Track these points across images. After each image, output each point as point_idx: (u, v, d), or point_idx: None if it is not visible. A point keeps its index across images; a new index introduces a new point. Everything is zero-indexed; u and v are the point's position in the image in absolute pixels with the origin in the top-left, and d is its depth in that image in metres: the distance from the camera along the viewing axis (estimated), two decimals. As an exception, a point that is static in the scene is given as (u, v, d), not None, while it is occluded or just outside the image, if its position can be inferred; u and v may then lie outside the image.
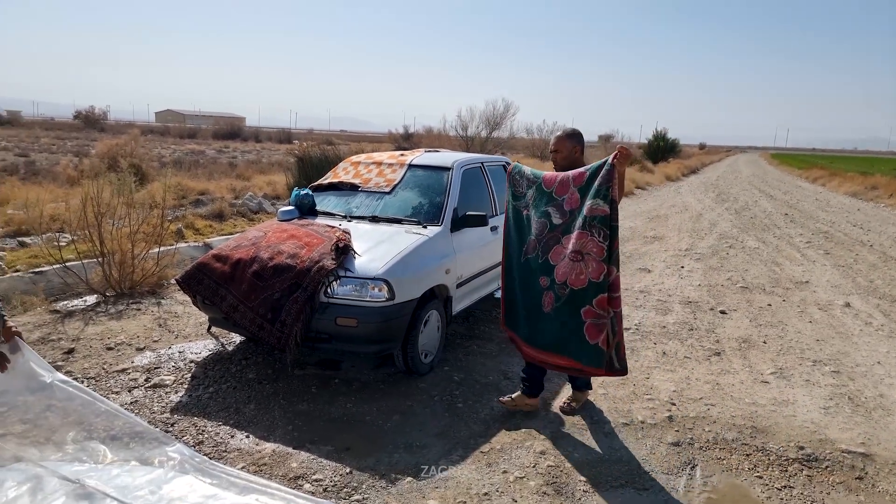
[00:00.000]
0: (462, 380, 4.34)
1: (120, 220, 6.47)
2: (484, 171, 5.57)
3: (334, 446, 3.35)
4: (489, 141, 26.80)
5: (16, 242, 8.32)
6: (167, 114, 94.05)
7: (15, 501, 2.68)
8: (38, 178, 14.25)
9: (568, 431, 3.67)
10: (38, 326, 5.12)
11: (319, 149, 13.71)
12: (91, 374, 4.21)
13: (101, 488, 2.75)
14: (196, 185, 13.48)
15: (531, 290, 3.55)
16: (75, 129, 42.12)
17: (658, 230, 11.95)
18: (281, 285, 3.96)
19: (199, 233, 9.64)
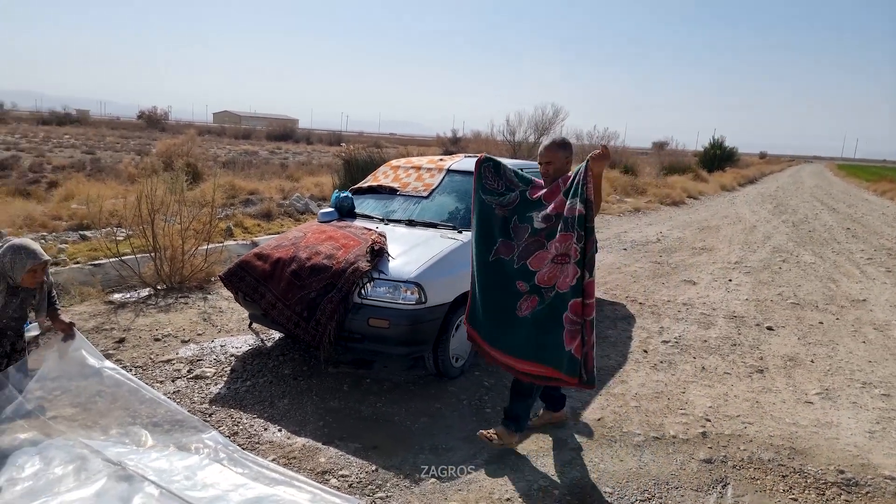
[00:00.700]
0: (492, 385, 4.35)
1: (172, 217, 6.77)
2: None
3: (362, 444, 3.42)
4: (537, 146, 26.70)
5: (77, 235, 8.79)
6: (224, 115, 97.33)
7: (61, 479, 2.85)
8: (102, 174, 15.00)
9: (596, 442, 3.64)
10: (94, 316, 5.41)
11: (366, 151, 13.94)
12: (139, 363, 4.42)
13: (141, 471, 2.90)
14: (247, 184, 13.91)
15: (502, 291, 3.36)
16: (138, 129, 44.06)
17: (707, 241, 11.64)
18: (317, 285, 4.07)
19: (248, 231, 9.95)
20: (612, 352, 5.20)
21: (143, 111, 50.27)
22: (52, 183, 13.99)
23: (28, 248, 3.22)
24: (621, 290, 7.42)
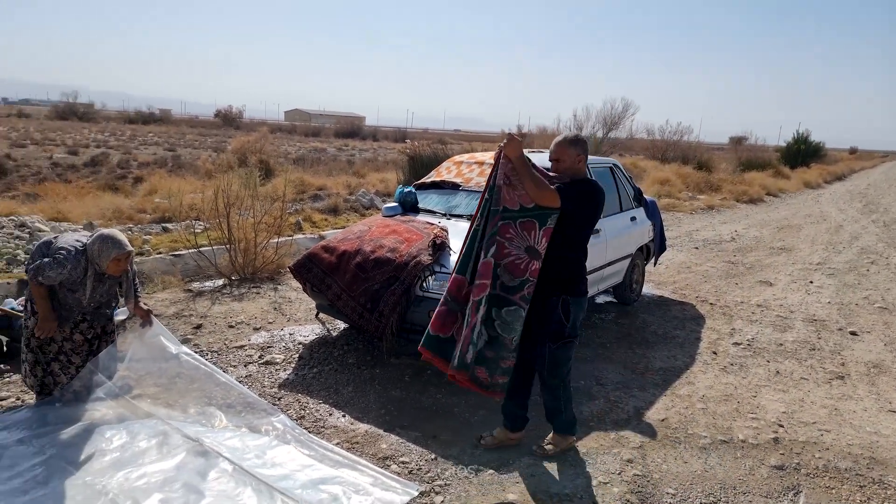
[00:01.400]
0: (553, 381, 4.33)
1: (246, 211, 7.09)
2: (588, 172, 5.47)
3: (422, 433, 3.49)
4: (605, 141, 26.12)
5: (160, 228, 9.34)
6: (295, 113, 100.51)
7: (145, 452, 3.07)
8: (181, 170, 15.85)
9: (659, 442, 3.56)
10: (174, 303, 5.75)
11: (430, 148, 14.08)
12: (214, 347, 4.67)
13: (216, 448, 3.08)
14: (315, 180, 14.35)
15: None
16: (215, 127, 46.19)
17: (787, 241, 11.07)
18: (381, 277, 4.17)
19: (316, 225, 10.27)
20: (678, 353, 5.06)
21: (220, 110, 52.57)
22: (137, 178, 14.93)
23: (115, 239, 3.46)
24: (691, 289, 7.19)
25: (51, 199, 10.76)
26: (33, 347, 3.49)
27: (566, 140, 3.19)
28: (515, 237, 3.03)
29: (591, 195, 3.11)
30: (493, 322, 3.05)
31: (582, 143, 3.20)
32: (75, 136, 25.69)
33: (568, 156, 3.16)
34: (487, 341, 3.06)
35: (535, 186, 2.98)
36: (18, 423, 3.29)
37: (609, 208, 5.64)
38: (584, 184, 3.14)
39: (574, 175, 3.16)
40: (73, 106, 44.93)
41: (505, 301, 3.04)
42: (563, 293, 3.12)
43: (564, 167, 3.17)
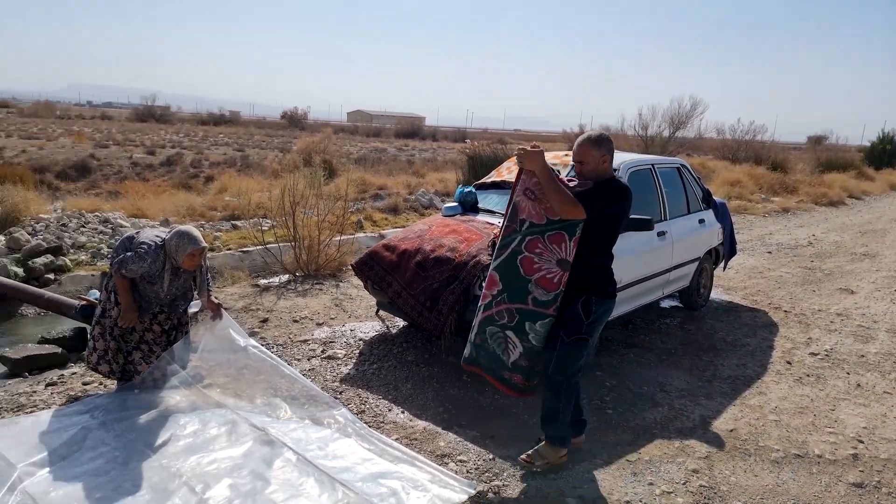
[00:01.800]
0: (614, 386, 4.24)
1: (310, 210, 7.29)
2: (654, 173, 5.34)
3: (480, 432, 3.49)
4: (671, 141, 25.33)
5: (230, 225, 9.73)
6: (357, 114, 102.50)
7: (215, 439, 3.20)
8: (250, 170, 16.47)
9: (728, 453, 3.42)
10: (242, 297, 5.98)
11: (490, 148, 14.05)
12: (280, 341, 4.83)
13: (281, 438, 3.19)
14: (376, 180, 14.60)
15: None
16: (281, 128, 47.67)
17: (871, 246, 10.41)
18: (440, 276, 4.20)
19: (376, 224, 10.45)
20: (749, 361, 4.85)
21: (286, 112, 54.26)
22: (208, 177, 15.63)
23: (191, 235, 3.63)
24: (763, 295, 6.87)
25: (131, 196, 11.41)
26: (116, 336, 3.71)
27: (589, 140, 3.02)
28: (545, 251, 3.00)
29: (616, 198, 2.95)
30: (528, 335, 3.06)
31: (606, 142, 3.03)
32: (153, 137, 27.12)
33: (591, 157, 2.99)
34: (522, 353, 3.09)
35: (560, 201, 2.89)
36: (101, 408, 3.51)
37: (676, 210, 5.48)
38: (609, 186, 2.97)
39: (599, 177, 3.01)
40: (151, 109, 47.46)
41: (540, 315, 3.04)
42: (589, 293, 3.04)
43: (588, 169, 3.01)
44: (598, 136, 3.03)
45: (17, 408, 3.62)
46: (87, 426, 3.27)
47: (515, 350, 3.09)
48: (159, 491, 2.75)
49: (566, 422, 3.13)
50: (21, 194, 8.73)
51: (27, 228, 7.97)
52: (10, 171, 11.85)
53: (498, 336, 3.12)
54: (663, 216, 5.22)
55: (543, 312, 3.02)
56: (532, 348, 3.07)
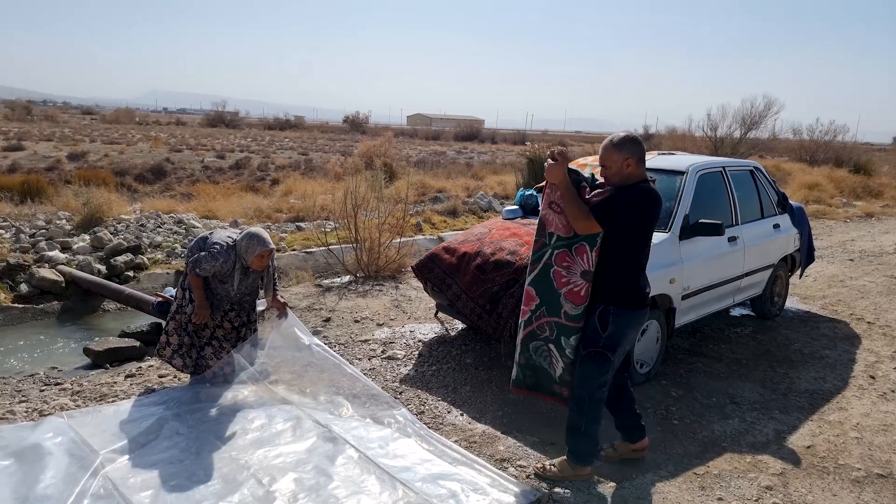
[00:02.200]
0: (680, 396, 4.10)
1: (371, 212, 7.42)
2: (725, 176, 5.13)
3: (540, 438, 3.44)
4: (743, 142, 24.31)
5: (294, 227, 10.03)
6: (417, 117, 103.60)
7: (281, 434, 3.30)
8: (313, 173, 16.93)
9: (804, 471, 3.24)
10: (306, 297, 6.14)
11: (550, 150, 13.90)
12: (341, 340, 4.93)
13: (343, 436, 3.26)
14: (435, 183, 14.70)
15: None
16: (343, 132, 48.75)
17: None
18: (500, 279, 4.18)
19: (435, 227, 10.52)
20: (828, 374, 4.59)
21: (348, 116, 55.49)
22: (274, 180, 16.16)
23: (260, 237, 3.76)
24: (844, 305, 6.48)
25: (202, 198, 11.95)
26: (190, 332, 3.89)
27: (611, 143, 2.86)
28: (573, 264, 2.94)
29: (635, 206, 2.79)
30: (565, 350, 3.01)
31: (629, 144, 2.85)
32: (223, 142, 28.28)
33: (613, 161, 2.84)
34: (564, 367, 3.04)
35: (573, 215, 2.84)
36: (176, 400, 3.68)
37: (748, 214, 5.25)
38: (631, 193, 2.81)
39: (624, 181, 2.85)
40: (221, 114, 49.53)
41: (573, 330, 2.99)
42: (607, 303, 2.90)
43: (611, 174, 2.87)
44: (621, 139, 2.88)
45: (99, 397, 3.84)
46: (163, 417, 3.44)
47: (559, 364, 3.04)
48: (229, 481, 2.85)
49: (591, 438, 2.98)
50: (104, 196, 9.29)
51: (109, 228, 8.47)
52: (95, 174, 12.64)
53: (542, 350, 3.08)
54: (734, 221, 5.01)
55: (575, 327, 2.98)
56: (571, 363, 3.02)
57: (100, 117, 47.07)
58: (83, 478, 2.80)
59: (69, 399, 3.80)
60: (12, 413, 3.58)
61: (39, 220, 8.70)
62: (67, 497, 2.65)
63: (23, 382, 4.14)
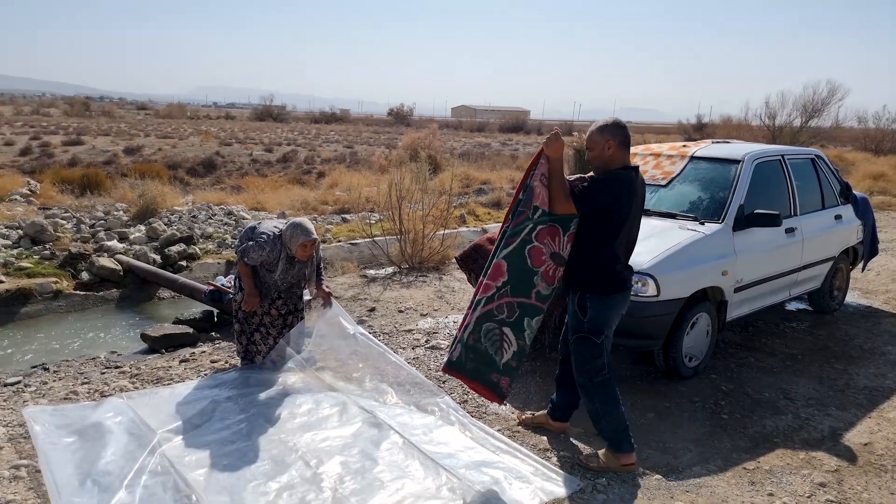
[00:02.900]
0: (731, 391, 3.99)
1: (416, 204, 7.46)
2: (784, 164, 4.95)
3: (584, 429, 3.41)
4: (803, 131, 23.32)
5: (340, 218, 10.19)
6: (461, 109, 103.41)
7: (327, 419, 3.38)
8: (358, 165, 17.14)
9: (860, 468, 3.12)
10: (352, 287, 6.24)
11: (598, 141, 13.66)
12: (386, 330, 4.99)
13: (388, 422, 3.31)
14: (479, 175, 14.67)
15: None
16: (388, 125, 49.12)
17: None
18: (546, 270, 4.14)
19: (479, 219, 10.51)
20: (890, 371, 4.38)
21: (392, 108, 55.78)
22: (320, 173, 16.43)
23: (304, 227, 3.83)
24: (907, 300, 6.18)
25: (251, 190, 12.26)
26: (240, 319, 4.01)
27: (596, 127, 2.95)
28: (548, 242, 2.93)
29: (609, 188, 2.84)
30: (524, 332, 2.98)
31: (612, 127, 2.90)
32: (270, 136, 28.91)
33: (596, 143, 2.91)
34: (515, 352, 3.01)
35: (556, 194, 2.87)
36: (227, 383, 3.81)
37: (808, 204, 5.05)
38: (607, 178, 2.87)
39: (605, 165, 2.90)
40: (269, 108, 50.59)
41: (538, 310, 2.97)
42: (583, 290, 2.96)
43: (594, 155, 2.94)
44: (605, 123, 2.95)
45: (156, 380, 4.01)
46: (216, 399, 3.57)
47: (510, 349, 2.99)
48: (278, 462, 2.94)
49: (615, 422, 2.98)
50: (158, 188, 9.65)
51: (163, 219, 8.79)
52: (149, 167, 13.13)
53: (494, 333, 2.98)
54: (793, 211, 4.83)
55: (541, 307, 2.97)
56: (524, 347, 3.01)
57: (153, 112, 48.78)
58: (141, 455, 2.93)
59: (128, 381, 3.98)
60: (75, 394, 3.77)
61: (98, 211, 9.11)
62: (127, 473, 2.78)
63: (85, 365, 4.35)
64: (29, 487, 2.73)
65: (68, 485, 2.69)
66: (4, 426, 3.26)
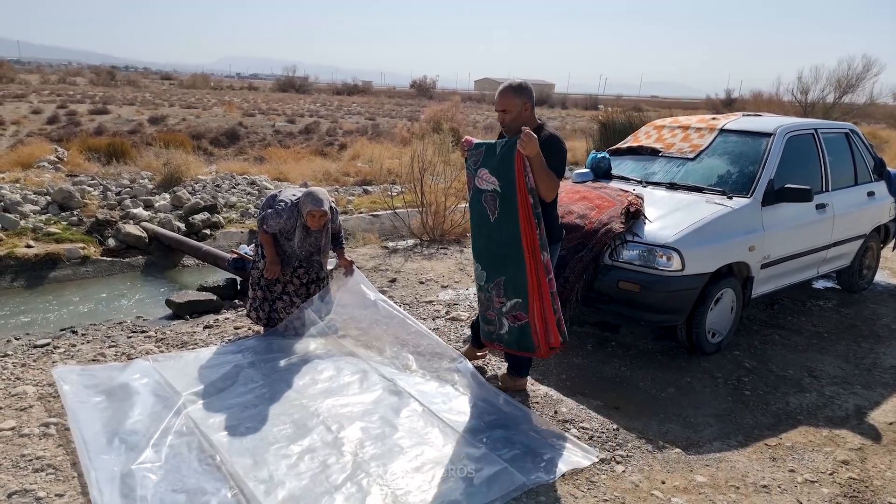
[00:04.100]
0: (754, 367, 3.94)
1: (437, 177, 7.42)
2: (817, 138, 4.80)
3: (603, 402, 3.41)
4: (836, 107, 22.63)
5: (362, 190, 10.19)
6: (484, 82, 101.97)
7: (348, 385, 3.42)
8: (380, 138, 17.05)
9: (885, 447, 3.08)
10: (373, 258, 6.26)
11: (625, 115, 13.40)
12: (407, 300, 5.01)
13: (408, 389, 3.34)
14: (502, 148, 14.48)
15: None
16: (410, 97, 48.70)
17: None
18: (567, 244, 4.09)
19: (501, 192, 10.42)
20: (917, 351, 4.30)
21: (415, 81, 55.25)
22: (342, 145, 16.40)
23: (315, 196, 3.81)
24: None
25: (274, 161, 12.30)
26: (263, 286, 4.05)
27: (510, 88, 3.06)
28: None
29: (554, 146, 3.00)
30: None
31: (527, 90, 3.06)
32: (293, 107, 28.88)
33: (514, 105, 3.04)
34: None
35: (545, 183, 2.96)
36: (250, 349, 3.86)
37: (841, 180, 4.91)
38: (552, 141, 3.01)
39: (520, 126, 3.00)
40: (291, 80, 50.45)
41: None
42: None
43: (511, 118, 3.06)
44: (519, 85, 3.06)
45: (181, 344, 4.08)
46: (240, 364, 3.63)
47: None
48: (300, 426, 2.99)
49: None
50: (183, 158, 9.72)
51: (187, 188, 8.87)
52: (173, 137, 13.22)
53: None
54: (825, 187, 4.71)
55: None
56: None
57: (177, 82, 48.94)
58: (167, 416, 2.99)
59: (153, 345, 4.06)
60: (103, 356, 3.87)
61: (124, 179, 9.23)
62: (153, 433, 2.85)
63: (112, 329, 4.45)
64: (58, 444, 2.82)
65: (96, 442, 2.76)
66: (34, 385, 3.36)
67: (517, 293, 3.11)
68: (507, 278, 3.13)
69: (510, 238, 3.05)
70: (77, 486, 2.53)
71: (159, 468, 2.61)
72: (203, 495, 2.46)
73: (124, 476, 2.53)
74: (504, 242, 3.08)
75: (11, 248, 6.19)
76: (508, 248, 3.07)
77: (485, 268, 3.25)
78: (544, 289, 3.06)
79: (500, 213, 3.07)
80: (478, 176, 3.13)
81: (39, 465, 2.64)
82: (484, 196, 3.14)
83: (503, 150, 3.00)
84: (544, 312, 3.09)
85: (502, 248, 3.10)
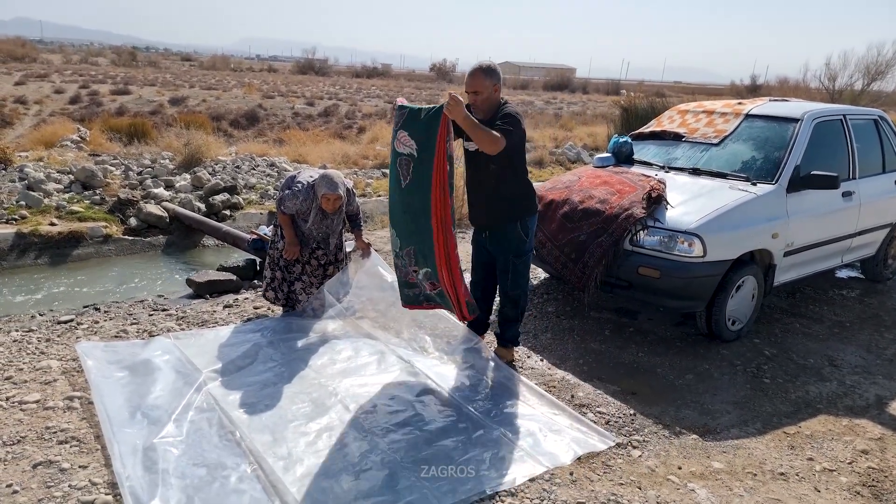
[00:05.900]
0: (774, 355, 3.90)
1: (456, 161, 7.38)
2: (845, 124, 4.69)
3: (621, 388, 3.40)
4: (864, 94, 22.09)
5: (380, 173, 10.19)
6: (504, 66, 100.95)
7: (366, 366, 3.45)
8: (399, 121, 16.99)
9: (908, 441, 3.03)
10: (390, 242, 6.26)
11: (647, 100, 13.20)
12: (423, 283, 5.02)
13: (425, 371, 3.36)
14: (521, 132, 14.38)
15: None
16: (430, 80, 48.39)
17: None
18: (588, 228, 4.07)
19: (520, 176, 10.37)
20: (942, 342, 4.22)
21: (435, 64, 54.84)
22: (361, 128, 16.38)
23: (329, 180, 3.81)
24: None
25: (293, 143, 12.33)
26: (282, 267, 4.08)
27: (481, 70, 3.18)
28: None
29: (517, 119, 3.13)
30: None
31: (496, 73, 3.21)
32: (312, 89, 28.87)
33: (485, 86, 3.16)
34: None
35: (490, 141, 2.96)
36: (270, 329, 3.91)
37: (868, 168, 4.81)
38: (504, 115, 3.13)
39: (490, 106, 3.18)
40: (311, 62, 50.34)
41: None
42: (522, 217, 3.33)
43: (482, 98, 3.18)
44: (489, 66, 3.21)
45: (201, 323, 4.14)
46: (259, 343, 3.67)
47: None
48: (318, 405, 3.02)
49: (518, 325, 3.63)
50: (203, 139, 9.78)
51: (208, 168, 8.94)
52: (194, 118, 13.30)
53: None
54: (852, 174, 4.61)
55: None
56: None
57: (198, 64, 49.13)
58: (188, 392, 3.05)
59: (174, 323, 4.12)
60: (125, 332, 3.94)
61: (146, 159, 9.32)
62: (175, 408, 2.90)
63: (133, 307, 4.52)
64: (82, 417, 2.88)
65: (119, 416, 2.82)
66: (59, 360, 3.43)
67: (426, 263, 3.17)
68: (418, 248, 3.19)
69: (420, 205, 3.05)
70: (100, 458, 2.59)
71: (181, 442, 2.66)
72: (223, 470, 2.51)
73: (146, 449, 2.59)
74: (414, 210, 3.10)
75: (35, 225, 6.30)
76: (418, 216, 3.08)
77: (398, 235, 3.30)
78: (453, 260, 3.13)
79: (412, 178, 3.06)
80: (397, 139, 3.10)
81: (64, 438, 2.70)
82: (399, 159, 3.10)
83: (429, 114, 2.98)
84: (454, 283, 3.18)
85: (413, 216, 3.13)
